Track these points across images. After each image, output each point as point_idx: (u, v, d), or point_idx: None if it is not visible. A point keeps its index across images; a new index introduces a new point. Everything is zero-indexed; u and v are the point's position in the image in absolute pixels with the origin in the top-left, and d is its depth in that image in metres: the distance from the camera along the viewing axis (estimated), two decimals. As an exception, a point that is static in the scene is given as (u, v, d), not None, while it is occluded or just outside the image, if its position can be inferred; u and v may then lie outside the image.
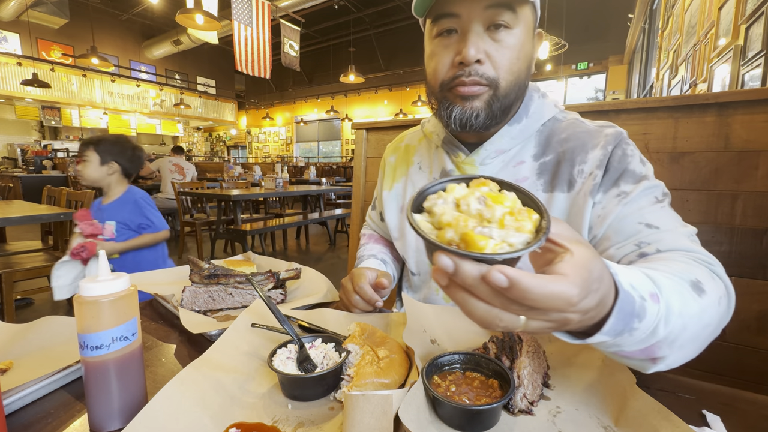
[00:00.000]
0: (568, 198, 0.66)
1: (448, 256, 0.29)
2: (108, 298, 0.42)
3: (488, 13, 0.60)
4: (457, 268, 0.29)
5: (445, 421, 0.42)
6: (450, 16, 0.62)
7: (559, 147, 0.68)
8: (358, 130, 1.58)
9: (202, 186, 4.52)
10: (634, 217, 0.58)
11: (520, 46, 0.63)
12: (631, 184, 0.61)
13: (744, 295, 0.92)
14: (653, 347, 0.40)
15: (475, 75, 0.62)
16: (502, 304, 0.30)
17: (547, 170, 0.68)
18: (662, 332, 0.39)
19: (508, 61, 0.62)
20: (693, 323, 0.42)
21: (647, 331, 0.38)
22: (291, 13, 8.73)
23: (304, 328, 0.66)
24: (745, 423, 0.44)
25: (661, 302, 0.39)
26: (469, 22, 0.61)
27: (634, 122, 1.02)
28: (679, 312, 0.40)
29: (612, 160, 0.63)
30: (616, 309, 0.35)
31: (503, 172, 0.71)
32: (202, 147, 17.33)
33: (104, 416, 0.43)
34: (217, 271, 0.82)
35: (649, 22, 6.97)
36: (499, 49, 0.62)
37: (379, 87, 13.29)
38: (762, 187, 0.89)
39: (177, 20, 5.61)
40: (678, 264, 0.48)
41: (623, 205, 0.59)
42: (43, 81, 8.08)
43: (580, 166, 0.65)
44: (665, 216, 0.58)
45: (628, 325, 0.36)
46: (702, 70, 3.49)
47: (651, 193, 0.60)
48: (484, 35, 0.61)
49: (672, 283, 0.42)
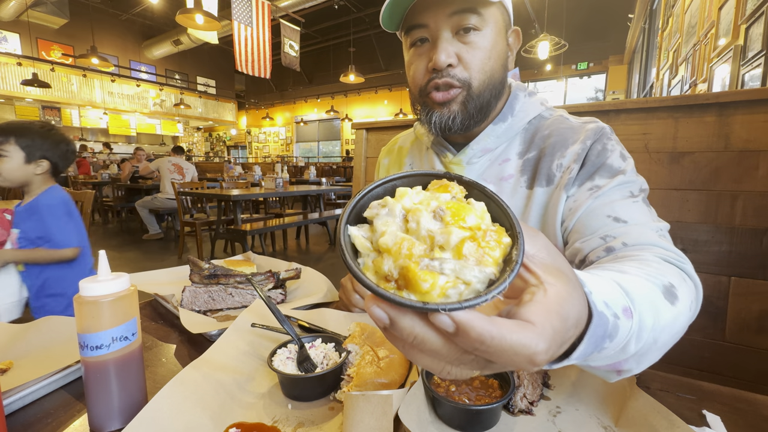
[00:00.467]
0: (546, 192, 0.66)
1: (379, 306, 0.24)
2: (108, 298, 0.42)
3: (454, 19, 0.62)
4: (392, 322, 0.24)
5: (445, 421, 0.42)
6: (419, 26, 0.65)
7: (541, 143, 0.70)
8: (358, 130, 1.58)
9: (202, 186, 4.52)
10: (603, 210, 0.58)
11: (491, 46, 0.65)
12: (606, 178, 0.61)
13: (744, 295, 0.92)
14: (621, 362, 0.38)
15: (447, 77, 0.64)
16: (449, 355, 0.24)
17: (530, 166, 0.70)
18: (632, 349, 0.37)
19: (480, 62, 0.64)
20: (664, 335, 0.40)
21: (617, 348, 0.35)
22: (291, 13, 8.73)
23: (304, 328, 0.66)
24: (745, 423, 0.44)
25: (634, 318, 0.36)
26: (437, 30, 0.64)
27: (634, 122, 1.02)
28: (652, 327, 0.38)
29: (590, 154, 0.64)
30: (588, 335, 0.31)
31: (489, 170, 0.72)
32: (202, 147, 17.33)
33: (104, 416, 0.43)
34: (217, 271, 0.82)
35: (649, 22, 6.97)
36: (469, 50, 0.64)
37: (379, 87, 13.30)
38: (762, 187, 0.89)
39: (177, 20, 5.62)
40: (651, 266, 0.46)
41: (594, 198, 0.60)
42: (43, 81, 8.09)
43: (559, 161, 0.66)
44: (636, 210, 0.57)
45: (599, 346, 0.33)
46: (702, 70, 3.49)
47: (626, 188, 0.60)
48: (453, 40, 0.64)
49: (645, 292, 0.40)
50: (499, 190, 0.71)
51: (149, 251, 4.70)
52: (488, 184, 0.70)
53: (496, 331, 0.22)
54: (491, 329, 0.22)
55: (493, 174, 0.72)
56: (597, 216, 0.58)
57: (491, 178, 0.72)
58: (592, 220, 0.58)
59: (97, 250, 0.50)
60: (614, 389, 0.47)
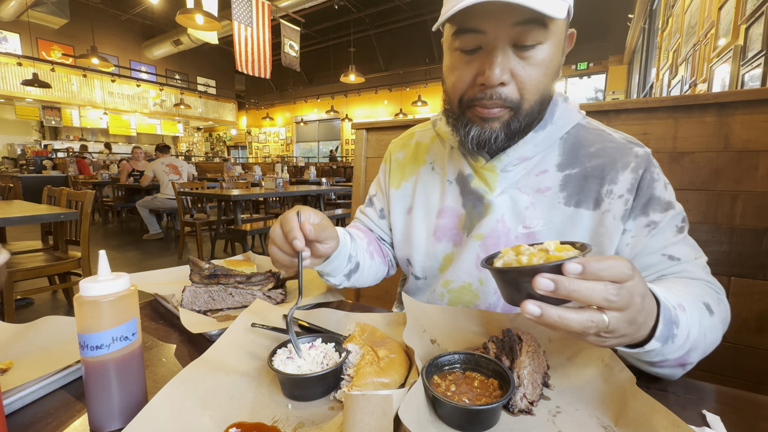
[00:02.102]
0: (593, 216, 0.65)
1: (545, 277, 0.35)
2: (108, 298, 0.42)
3: (516, 30, 0.54)
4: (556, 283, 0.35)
5: (445, 421, 0.42)
6: (474, 31, 0.56)
7: (586, 161, 0.66)
8: (358, 130, 1.58)
9: (202, 186, 4.52)
10: (658, 249, 0.61)
11: (549, 61, 0.58)
12: (659, 213, 0.62)
13: (744, 295, 0.92)
14: (687, 353, 0.47)
15: (498, 98, 0.58)
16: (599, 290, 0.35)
17: (572, 184, 0.66)
18: (694, 336, 0.47)
19: (535, 81, 0.58)
20: (710, 334, 0.51)
21: (684, 336, 0.45)
22: (291, 13, 8.74)
23: (304, 328, 0.66)
24: (745, 423, 0.44)
25: (687, 311, 0.47)
26: (495, 40, 0.55)
27: (634, 122, 1.03)
28: (699, 321, 0.49)
29: (642, 185, 0.63)
30: (661, 316, 0.42)
31: (525, 179, 0.69)
32: (202, 147, 17.34)
33: (104, 416, 0.43)
34: (217, 271, 0.82)
35: (649, 22, 6.97)
36: (526, 67, 0.57)
37: (379, 87, 13.30)
38: (762, 187, 0.89)
39: (177, 20, 5.62)
40: (693, 286, 0.56)
41: (651, 237, 0.61)
42: (43, 81, 8.09)
43: (609, 186, 0.64)
44: (686, 246, 0.61)
45: (671, 332, 0.44)
46: (702, 70, 3.49)
47: (673, 222, 0.62)
48: (509, 52, 0.56)
49: (690, 299, 0.51)
50: (535, 201, 0.67)
51: (149, 251, 4.70)
52: (523, 195, 0.68)
53: (597, 259, 0.35)
54: (595, 260, 0.35)
55: (529, 184, 0.68)
56: (653, 254, 0.61)
57: (527, 188, 0.68)
58: (648, 258, 0.62)
59: (97, 250, 0.50)
60: (614, 389, 0.47)
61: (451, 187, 0.76)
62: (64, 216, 2.23)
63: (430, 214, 0.77)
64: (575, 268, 0.35)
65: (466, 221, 0.73)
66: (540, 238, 0.66)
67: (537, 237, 0.67)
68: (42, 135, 12.25)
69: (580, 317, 0.36)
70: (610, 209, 0.63)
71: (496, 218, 0.69)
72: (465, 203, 0.73)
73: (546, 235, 0.66)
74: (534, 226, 0.67)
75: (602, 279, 0.35)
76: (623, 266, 0.36)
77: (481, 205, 0.71)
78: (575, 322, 0.36)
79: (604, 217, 0.63)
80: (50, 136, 12.38)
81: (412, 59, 12.44)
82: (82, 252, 2.41)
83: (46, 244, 2.77)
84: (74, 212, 2.27)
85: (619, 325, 0.37)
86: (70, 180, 7.02)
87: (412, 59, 12.44)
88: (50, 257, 2.44)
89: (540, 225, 0.67)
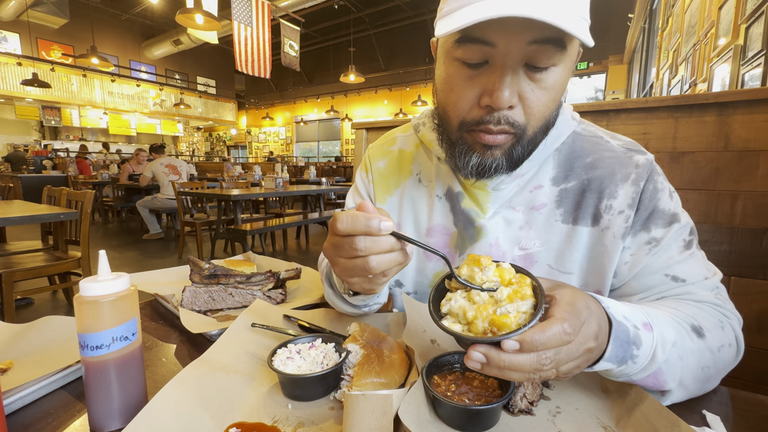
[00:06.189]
0: (591, 233, 0.60)
1: (477, 350, 0.36)
2: (108, 298, 0.42)
3: (531, 48, 0.46)
4: (487, 358, 0.36)
5: (445, 421, 0.42)
6: (482, 42, 0.47)
7: (583, 173, 0.61)
8: (358, 129, 1.58)
9: (202, 186, 4.52)
10: (661, 269, 0.56)
11: (560, 86, 0.51)
12: (662, 228, 0.57)
13: (744, 295, 0.92)
14: (659, 377, 0.45)
15: (505, 123, 0.51)
16: (532, 362, 0.35)
17: (569, 199, 0.62)
18: (661, 357, 0.43)
19: (544, 106, 0.52)
20: (690, 359, 0.47)
21: (647, 356, 0.43)
22: (291, 13, 8.73)
23: (304, 328, 0.66)
24: (745, 423, 0.44)
25: (654, 331, 0.44)
26: (506, 57, 0.47)
27: (634, 122, 1.03)
28: (673, 342, 0.45)
29: (644, 197, 0.57)
30: (612, 337, 0.41)
31: (518, 196, 0.64)
32: (202, 147, 17.34)
33: (104, 416, 0.43)
34: (217, 271, 0.82)
35: (649, 22, 6.97)
36: (536, 90, 0.50)
37: (379, 87, 13.30)
38: (762, 187, 0.89)
39: (177, 20, 5.62)
40: (688, 307, 0.53)
41: (653, 255, 0.56)
42: (43, 81, 8.09)
43: (608, 201, 0.59)
44: (693, 265, 0.56)
45: (628, 352, 0.42)
46: (702, 70, 3.49)
47: (679, 236, 0.57)
48: (520, 72, 0.49)
49: (667, 318, 0.47)
50: (530, 219, 0.63)
51: (149, 251, 4.70)
52: (517, 213, 0.63)
53: (535, 331, 0.35)
54: (534, 332, 0.35)
55: (523, 201, 0.63)
56: (654, 274, 0.57)
57: (521, 205, 0.63)
58: (648, 278, 0.57)
59: (97, 250, 0.50)
60: (614, 389, 0.47)
61: (440, 203, 0.70)
62: (64, 216, 2.23)
63: (419, 231, 0.72)
64: (512, 345, 0.35)
65: (458, 241, 0.68)
66: (537, 260, 0.62)
67: (534, 258, 0.63)
68: (42, 135, 12.26)
69: (522, 377, 0.36)
70: (609, 226, 0.58)
71: (489, 243, 0.64)
72: (456, 222, 0.68)
73: (543, 255, 0.62)
74: (530, 247, 0.63)
75: (540, 350, 0.35)
76: (562, 333, 0.35)
77: (472, 228, 0.66)
78: (516, 379, 0.37)
79: (603, 234, 0.59)
80: (50, 136, 12.38)
81: (412, 59, 12.44)
82: (82, 252, 2.41)
83: (46, 244, 2.77)
84: (74, 212, 2.27)
85: (571, 369, 0.38)
86: (70, 180, 7.03)
87: (412, 59, 12.44)
88: (50, 257, 2.44)
89: (537, 245, 0.62)
